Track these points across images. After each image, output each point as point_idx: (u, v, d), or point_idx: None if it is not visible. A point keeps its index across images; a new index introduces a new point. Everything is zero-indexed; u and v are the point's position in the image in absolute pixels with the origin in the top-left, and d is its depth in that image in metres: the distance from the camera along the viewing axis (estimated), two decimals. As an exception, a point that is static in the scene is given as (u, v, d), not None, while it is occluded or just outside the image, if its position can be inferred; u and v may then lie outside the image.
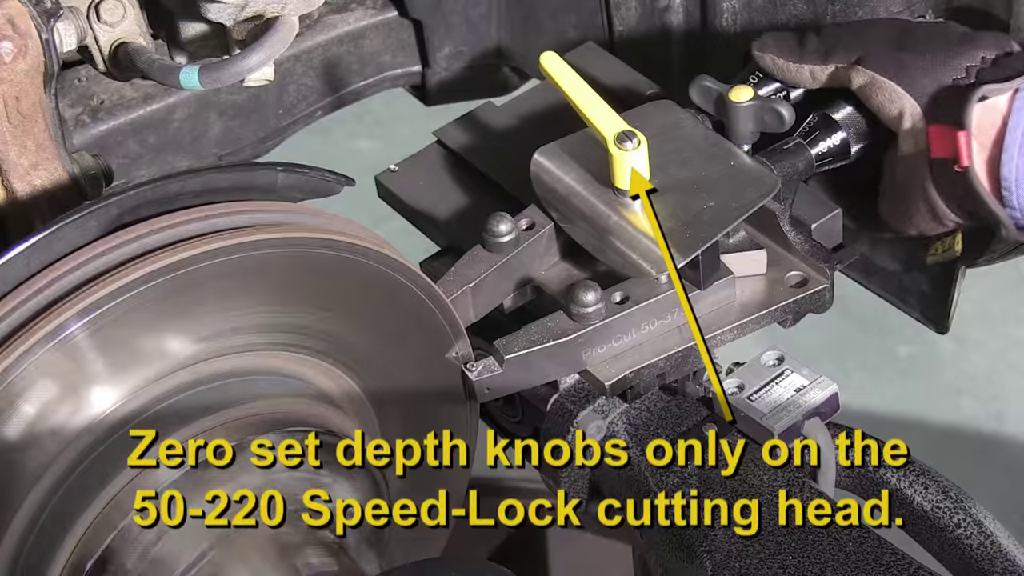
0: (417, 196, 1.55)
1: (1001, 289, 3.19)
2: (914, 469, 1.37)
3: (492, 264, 1.40)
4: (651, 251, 1.36)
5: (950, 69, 1.39)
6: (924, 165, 1.40)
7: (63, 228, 1.18)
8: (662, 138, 1.42)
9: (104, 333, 1.16)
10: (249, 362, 1.26)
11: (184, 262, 1.17)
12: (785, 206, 1.42)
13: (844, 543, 1.28)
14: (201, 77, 1.38)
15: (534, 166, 1.44)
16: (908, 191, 1.44)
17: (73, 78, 1.79)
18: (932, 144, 1.39)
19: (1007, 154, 1.36)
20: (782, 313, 1.41)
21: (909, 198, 1.44)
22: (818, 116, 1.47)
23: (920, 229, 1.46)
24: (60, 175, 1.39)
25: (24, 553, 1.19)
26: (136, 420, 1.20)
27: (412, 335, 1.33)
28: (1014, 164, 1.36)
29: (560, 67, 1.41)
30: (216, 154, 1.87)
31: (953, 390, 3.08)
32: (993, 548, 1.32)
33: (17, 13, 1.33)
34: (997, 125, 1.36)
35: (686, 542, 1.31)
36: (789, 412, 1.35)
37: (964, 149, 1.36)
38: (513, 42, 1.92)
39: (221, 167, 1.31)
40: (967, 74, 1.38)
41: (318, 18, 1.88)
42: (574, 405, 1.40)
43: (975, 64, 1.39)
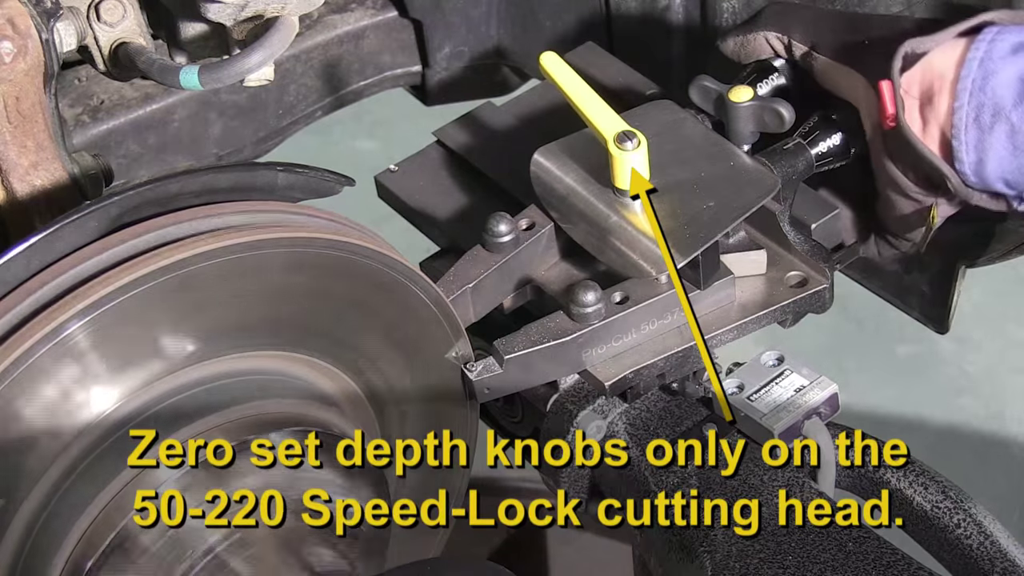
0: (417, 196, 1.55)
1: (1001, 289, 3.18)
2: (914, 469, 1.37)
3: (492, 264, 1.40)
4: (651, 251, 1.36)
5: (896, 44, 1.39)
6: (880, 138, 1.41)
7: (63, 228, 1.18)
8: (662, 138, 1.42)
9: (104, 333, 1.16)
10: (249, 362, 1.26)
11: (184, 262, 1.17)
12: (785, 206, 1.42)
13: (844, 543, 1.28)
14: (201, 77, 1.38)
15: (534, 166, 1.44)
16: (878, 175, 1.44)
17: (73, 78, 1.79)
18: (881, 110, 1.39)
19: (958, 102, 1.36)
20: (782, 313, 1.41)
21: (880, 181, 1.44)
22: (818, 116, 1.47)
23: (904, 218, 1.46)
24: (60, 175, 1.39)
25: (24, 553, 1.19)
26: (136, 420, 1.20)
27: (412, 335, 1.33)
28: (964, 112, 1.35)
29: (560, 67, 1.41)
30: (216, 154, 1.87)
31: (953, 390, 3.08)
32: (993, 548, 1.32)
33: (17, 13, 1.33)
34: (944, 87, 1.36)
35: (686, 542, 1.31)
36: (789, 412, 1.36)
37: (888, 98, 1.36)
38: (513, 42, 1.93)
39: (221, 167, 1.31)
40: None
41: (318, 18, 1.88)
42: (574, 405, 1.40)
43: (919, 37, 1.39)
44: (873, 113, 1.40)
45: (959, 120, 1.36)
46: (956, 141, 1.36)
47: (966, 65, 1.35)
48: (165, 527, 1.19)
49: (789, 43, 1.46)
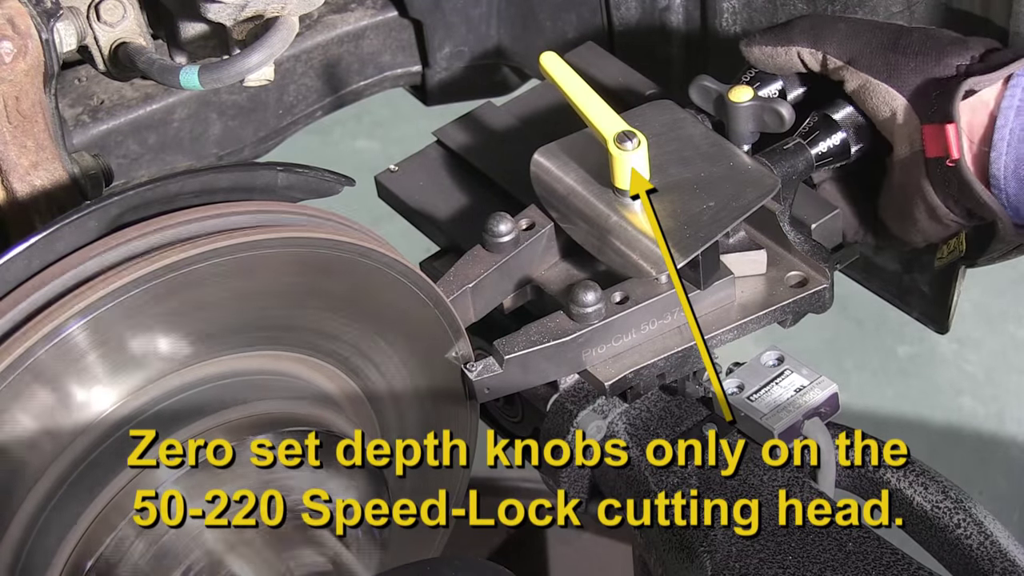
0: (417, 196, 1.55)
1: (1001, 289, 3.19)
2: (914, 469, 1.37)
3: (492, 264, 1.40)
4: (651, 251, 1.36)
5: (941, 67, 1.39)
6: (920, 165, 1.40)
7: (63, 228, 1.18)
8: (662, 138, 1.42)
9: (104, 333, 1.16)
10: (249, 362, 1.26)
11: (184, 262, 1.17)
12: (785, 206, 1.42)
13: (844, 543, 1.28)
14: (201, 77, 1.38)
15: (534, 166, 1.44)
16: (907, 193, 1.44)
17: (73, 78, 1.79)
18: (927, 143, 1.39)
19: (995, 152, 1.36)
20: (782, 313, 1.41)
21: (909, 200, 1.44)
22: (818, 116, 1.47)
23: (925, 234, 1.47)
24: (60, 175, 1.39)
25: (24, 553, 1.19)
26: (136, 420, 1.20)
27: (412, 335, 1.33)
28: (1002, 163, 1.36)
29: (560, 67, 1.41)
30: (216, 154, 1.87)
31: (953, 390, 3.08)
32: (993, 548, 1.32)
33: (17, 13, 1.33)
34: (986, 123, 1.37)
35: (686, 542, 1.31)
36: (789, 412, 1.35)
37: (953, 142, 1.36)
38: (513, 42, 1.93)
39: (221, 167, 1.31)
40: (957, 72, 1.39)
41: (318, 18, 1.88)
42: (574, 405, 1.40)
43: (965, 63, 1.39)
44: (915, 138, 1.40)
45: (997, 171, 1.36)
46: (995, 189, 1.37)
47: (1002, 114, 1.36)
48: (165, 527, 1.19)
49: (824, 58, 1.45)
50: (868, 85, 1.42)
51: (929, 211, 1.43)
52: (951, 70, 1.39)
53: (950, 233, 1.47)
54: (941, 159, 1.38)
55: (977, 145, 1.37)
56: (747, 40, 1.48)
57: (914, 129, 1.40)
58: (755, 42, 1.48)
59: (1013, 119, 1.35)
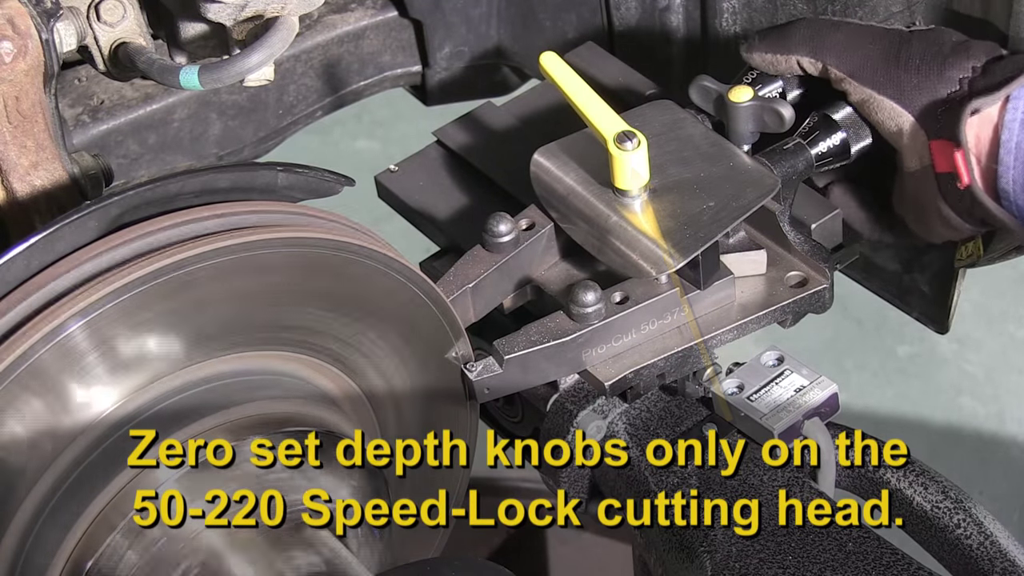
0: (417, 196, 1.55)
1: (1001, 289, 3.19)
2: (914, 469, 1.37)
3: (492, 264, 1.40)
4: (651, 251, 1.36)
5: (944, 82, 1.39)
6: (932, 180, 1.40)
7: (63, 228, 1.18)
8: (662, 138, 1.42)
9: (104, 333, 1.16)
10: (249, 362, 1.26)
11: (184, 262, 1.17)
12: (785, 206, 1.42)
13: (844, 543, 1.28)
14: (201, 77, 1.38)
15: (534, 166, 1.44)
16: (921, 203, 1.44)
17: (73, 78, 1.79)
18: (935, 159, 1.39)
19: (1003, 167, 1.36)
20: (782, 313, 1.41)
21: (924, 210, 1.44)
22: (818, 116, 1.47)
23: (942, 237, 1.47)
24: (60, 175, 1.39)
25: (24, 553, 1.19)
26: (136, 420, 1.20)
27: (412, 335, 1.33)
28: (1010, 176, 1.36)
29: (560, 67, 1.41)
30: (216, 154, 1.87)
31: (953, 390, 3.08)
32: (993, 548, 1.32)
33: (17, 13, 1.33)
34: (991, 137, 1.36)
35: (686, 542, 1.31)
36: (789, 412, 1.35)
37: (963, 167, 1.36)
38: (513, 42, 1.92)
39: (221, 167, 1.31)
40: (960, 86, 1.38)
41: (318, 18, 1.88)
42: (574, 405, 1.40)
43: (967, 75, 1.38)
44: (924, 154, 1.40)
45: (1007, 184, 1.36)
46: (1005, 202, 1.37)
47: (1006, 128, 1.36)
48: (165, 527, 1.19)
49: (825, 68, 1.44)
50: (872, 100, 1.41)
51: (943, 221, 1.43)
52: (954, 84, 1.38)
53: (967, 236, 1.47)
54: (951, 175, 1.38)
55: (985, 161, 1.37)
56: (747, 45, 1.48)
57: (922, 145, 1.40)
58: (755, 48, 1.47)
59: (1018, 132, 1.35)
